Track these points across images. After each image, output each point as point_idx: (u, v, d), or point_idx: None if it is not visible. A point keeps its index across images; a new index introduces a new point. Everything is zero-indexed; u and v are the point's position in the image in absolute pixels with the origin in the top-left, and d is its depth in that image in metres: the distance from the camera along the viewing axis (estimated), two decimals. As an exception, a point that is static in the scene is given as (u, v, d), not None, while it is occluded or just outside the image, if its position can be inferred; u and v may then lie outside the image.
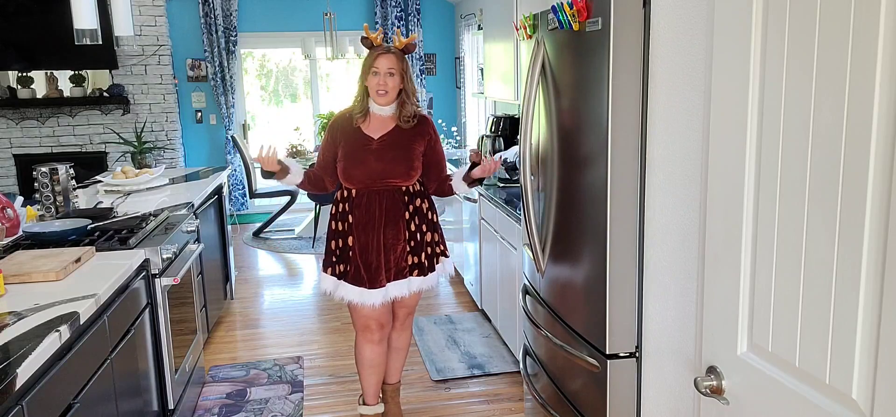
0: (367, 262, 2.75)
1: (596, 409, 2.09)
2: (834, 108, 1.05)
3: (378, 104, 2.72)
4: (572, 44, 2.08)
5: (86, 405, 1.95)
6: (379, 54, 2.68)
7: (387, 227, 2.74)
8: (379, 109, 2.74)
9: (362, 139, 2.74)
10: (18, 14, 5.94)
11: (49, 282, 2.22)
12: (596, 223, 1.98)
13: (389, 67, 2.68)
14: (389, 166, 2.72)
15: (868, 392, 1.03)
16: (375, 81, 2.68)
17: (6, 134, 6.51)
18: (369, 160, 2.72)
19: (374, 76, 2.68)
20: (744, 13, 1.22)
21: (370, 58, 2.71)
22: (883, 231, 0.99)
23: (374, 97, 2.71)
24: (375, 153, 2.73)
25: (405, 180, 2.76)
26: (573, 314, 2.22)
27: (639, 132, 1.87)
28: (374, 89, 2.69)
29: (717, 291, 1.36)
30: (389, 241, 2.75)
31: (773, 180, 1.19)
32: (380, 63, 2.67)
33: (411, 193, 2.80)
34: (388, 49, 2.71)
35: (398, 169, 2.73)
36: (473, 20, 6.21)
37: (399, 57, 2.70)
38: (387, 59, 2.68)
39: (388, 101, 2.71)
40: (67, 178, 3.26)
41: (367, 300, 2.76)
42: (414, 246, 2.82)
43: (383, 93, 2.68)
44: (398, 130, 2.75)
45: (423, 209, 2.85)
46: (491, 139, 4.35)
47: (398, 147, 2.74)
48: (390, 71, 2.68)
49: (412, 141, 2.77)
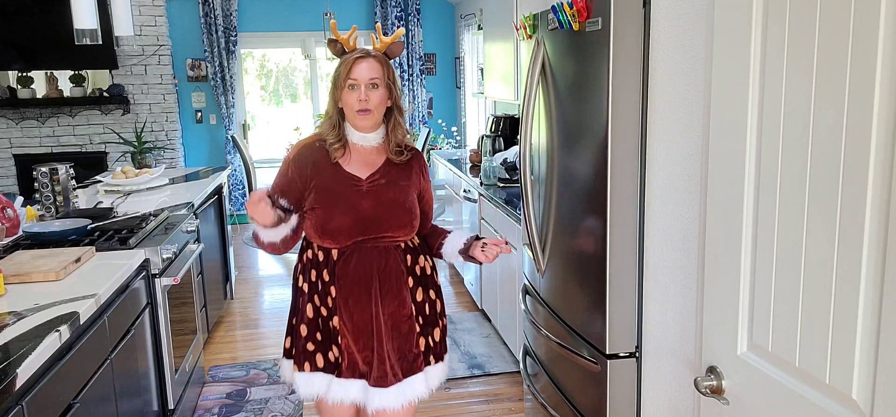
0: (368, 351, 2.06)
1: (596, 409, 2.09)
2: (834, 107, 1.05)
3: (359, 129, 2.05)
4: (572, 44, 2.08)
5: (86, 405, 1.95)
6: (355, 59, 2.00)
7: (386, 298, 2.06)
8: (361, 138, 2.06)
9: (346, 179, 2.05)
10: (18, 14, 5.94)
11: (49, 282, 2.22)
12: (596, 223, 1.98)
13: (371, 76, 1.99)
14: (387, 215, 2.04)
15: (868, 392, 1.03)
16: (353, 98, 1.99)
17: (6, 134, 6.51)
18: (361, 207, 2.03)
19: (351, 91, 2.00)
20: (744, 13, 1.22)
21: (344, 66, 2.01)
22: (883, 231, 0.98)
23: (352, 120, 2.04)
24: (368, 197, 2.04)
25: (403, 230, 2.08)
26: (573, 314, 2.22)
27: (639, 132, 1.87)
28: (352, 109, 2.00)
29: (717, 291, 1.36)
30: (392, 318, 2.07)
31: (773, 179, 1.19)
32: (358, 71, 1.99)
33: (413, 249, 2.15)
34: (368, 52, 2.03)
35: (398, 218, 2.06)
36: (473, 20, 6.21)
37: (382, 62, 2.03)
38: (367, 65, 2.00)
39: (372, 124, 2.04)
40: (67, 178, 3.26)
41: (377, 402, 2.05)
42: (423, 324, 2.15)
43: (366, 112, 2.00)
44: (390, 166, 2.09)
45: (428, 271, 2.19)
46: (491, 139, 4.36)
47: (396, 186, 2.08)
48: (373, 81, 1.99)
49: (408, 178, 2.12)
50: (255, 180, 6.52)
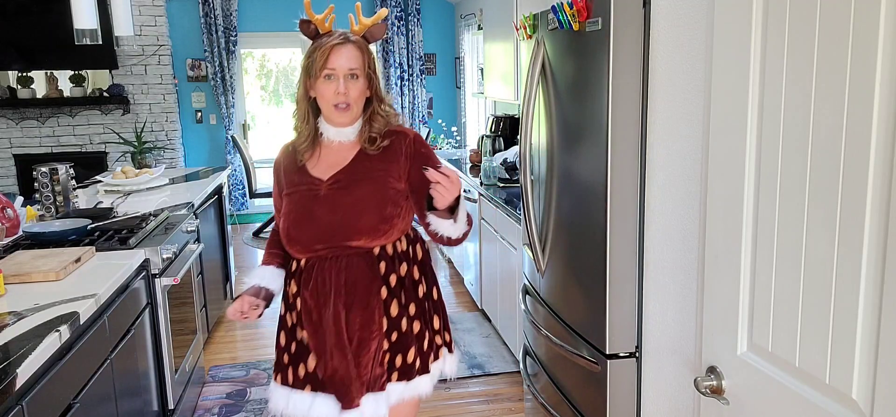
0: (331, 370, 1.85)
1: (596, 409, 2.09)
2: (834, 107, 1.05)
3: (336, 124, 1.83)
4: (572, 44, 2.08)
5: (86, 405, 1.95)
6: (333, 46, 1.77)
7: (352, 312, 1.83)
8: (337, 133, 1.85)
9: (307, 183, 1.85)
10: (18, 14, 5.94)
11: (49, 282, 2.22)
12: (596, 223, 1.98)
13: (351, 65, 1.77)
14: (348, 219, 1.80)
15: (868, 392, 1.03)
16: (330, 90, 1.77)
17: (6, 134, 6.51)
18: (317, 213, 1.82)
19: (327, 82, 1.77)
20: (744, 13, 1.22)
21: (319, 53, 1.77)
22: (883, 231, 0.98)
23: (328, 115, 1.83)
24: (325, 202, 1.82)
25: (374, 236, 1.82)
26: (573, 314, 2.22)
27: (639, 132, 1.87)
28: (328, 102, 1.79)
29: (718, 291, 1.36)
30: (357, 334, 1.83)
31: (773, 179, 1.19)
32: (336, 59, 1.76)
33: (391, 256, 1.87)
34: (346, 37, 1.80)
35: (364, 221, 1.80)
36: (473, 20, 6.20)
37: (363, 48, 1.82)
38: (346, 52, 1.77)
39: (351, 118, 1.82)
40: (67, 178, 3.26)
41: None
42: (396, 341, 1.88)
43: (344, 107, 1.78)
44: (362, 160, 1.85)
45: (413, 279, 1.91)
46: (491, 139, 4.36)
47: (362, 186, 1.82)
48: (352, 72, 1.78)
49: (385, 171, 1.84)
50: (255, 179, 6.52)
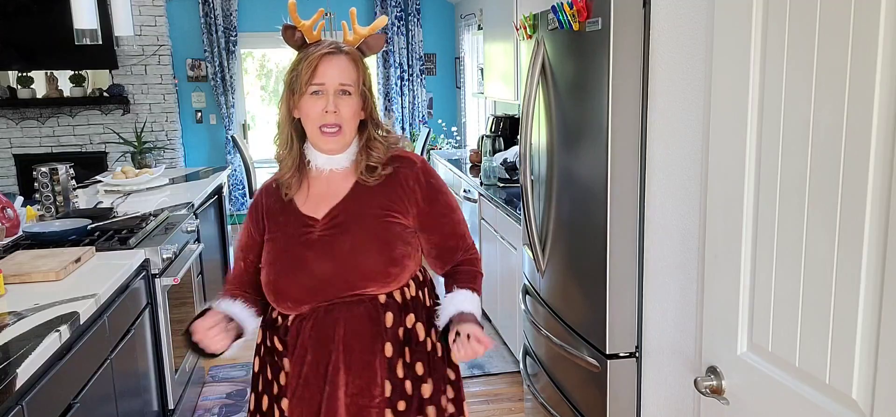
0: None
1: (596, 409, 2.09)
2: (834, 107, 1.05)
3: (324, 151, 1.52)
4: (572, 44, 2.08)
5: (86, 405, 1.95)
6: (321, 55, 1.48)
7: (350, 374, 1.51)
8: (327, 161, 1.54)
9: (296, 223, 1.54)
10: (18, 14, 5.94)
11: (49, 282, 2.22)
12: (596, 223, 1.98)
13: (342, 80, 1.48)
14: (351, 265, 1.50)
15: (868, 392, 1.03)
16: (316, 109, 1.47)
17: (6, 134, 6.51)
18: (311, 261, 1.50)
19: (314, 99, 1.48)
20: (744, 13, 1.22)
21: (305, 64, 1.48)
22: (883, 231, 0.98)
23: (315, 140, 1.52)
24: (321, 246, 1.51)
25: (383, 282, 1.52)
26: (573, 314, 2.22)
27: (639, 132, 1.87)
28: (315, 123, 1.48)
29: (718, 291, 1.36)
30: (356, 402, 1.51)
31: (773, 179, 1.19)
32: (325, 71, 1.47)
33: (400, 305, 1.56)
34: (338, 47, 1.51)
35: (370, 265, 1.50)
36: (473, 20, 6.20)
37: (357, 61, 1.52)
38: (337, 65, 1.49)
39: (343, 143, 1.52)
40: (67, 178, 3.25)
41: None
42: (406, 409, 1.55)
43: (335, 131, 1.48)
44: (362, 192, 1.54)
45: (420, 335, 1.60)
46: (491, 139, 4.36)
47: (365, 223, 1.52)
48: (344, 88, 1.48)
49: (390, 205, 1.54)
50: (255, 180, 6.51)
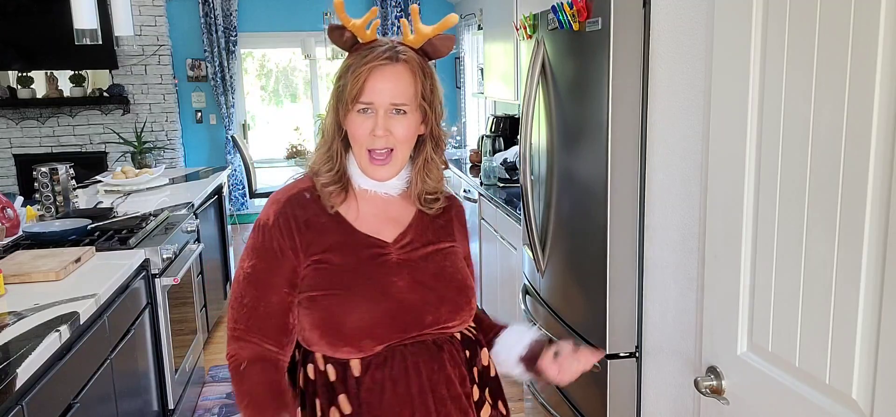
0: None
1: (596, 409, 2.09)
2: (834, 107, 1.05)
3: (375, 176, 1.28)
4: (572, 44, 2.08)
5: (86, 405, 1.95)
6: (373, 68, 1.22)
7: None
8: (371, 184, 1.30)
9: (362, 244, 1.29)
10: (18, 14, 5.94)
11: (49, 282, 2.22)
12: (596, 223, 1.98)
13: (396, 98, 1.23)
14: (436, 298, 1.29)
15: (868, 392, 1.03)
16: (364, 129, 1.24)
17: (6, 134, 6.51)
18: (395, 290, 1.27)
19: (361, 117, 1.24)
20: (744, 13, 1.22)
21: (353, 76, 1.23)
22: (883, 231, 0.98)
23: (362, 165, 1.27)
24: (403, 273, 1.29)
25: (465, 316, 1.34)
26: (573, 314, 2.22)
27: (639, 132, 1.87)
28: (362, 146, 1.25)
29: (718, 290, 1.36)
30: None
31: (773, 179, 1.19)
32: (375, 86, 1.22)
33: (472, 341, 1.38)
34: (395, 54, 1.25)
35: (452, 300, 1.31)
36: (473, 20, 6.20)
37: (415, 70, 1.26)
38: (392, 78, 1.23)
39: (394, 170, 1.28)
40: (67, 178, 3.25)
41: None
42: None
43: (383, 157, 1.25)
44: (424, 221, 1.35)
45: (492, 371, 1.43)
46: (491, 139, 4.35)
47: (438, 254, 1.34)
48: (399, 106, 1.24)
49: (452, 240, 1.38)
50: (255, 180, 6.51)
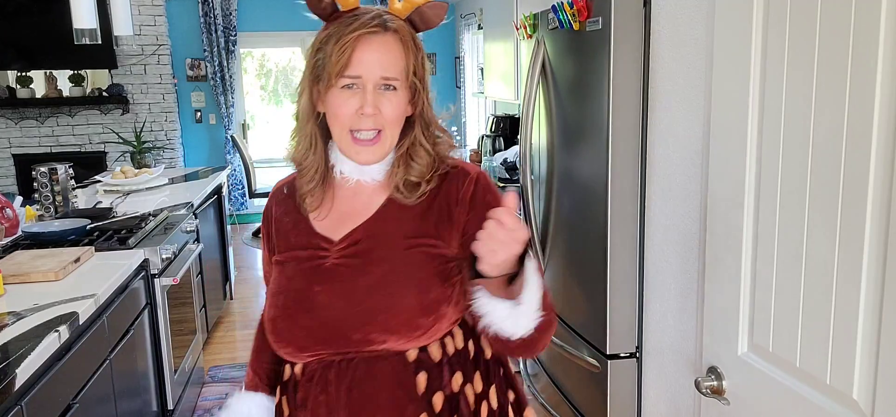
0: None
1: (596, 409, 2.09)
2: (834, 108, 1.04)
3: (358, 160, 1.11)
4: (572, 43, 2.08)
5: (85, 405, 1.94)
6: (360, 35, 1.07)
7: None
8: (357, 169, 1.14)
9: (307, 247, 1.15)
10: (18, 14, 5.94)
11: (48, 282, 2.21)
12: (596, 223, 1.98)
13: (385, 71, 1.08)
14: (365, 309, 1.09)
15: (869, 393, 1.03)
16: (349, 108, 1.08)
17: (5, 134, 6.50)
18: (318, 297, 1.10)
19: (345, 94, 1.08)
20: (744, 13, 1.22)
21: (336, 47, 1.08)
22: (883, 231, 0.98)
23: (345, 147, 1.11)
24: (331, 280, 1.11)
25: (409, 335, 1.09)
26: (574, 315, 2.22)
27: (639, 132, 1.87)
28: (345, 127, 1.09)
29: (718, 291, 1.36)
30: None
31: (773, 180, 1.18)
32: (361, 59, 1.07)
33: (437, 364, 1.12)
34: (383, 22, 1.09)
35: (394, 312, 1.08)
36: (473, 20, 6.20)
37: (407, 41, 1.10)
38: (379, 47, 1.08)
39: (382, 153, 1.12)
40: (67, 178, 3.25)
41: None
42: None
43: (372, 138, 1.09)
44: (393, 212, 1.13)
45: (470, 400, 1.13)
46: (491, 139, 4.35)
47: (393, 255, 1.11)
48: (388, 81, 1.08)
49: (426, 230, 1.12)
50: (255, 179, 6.51)
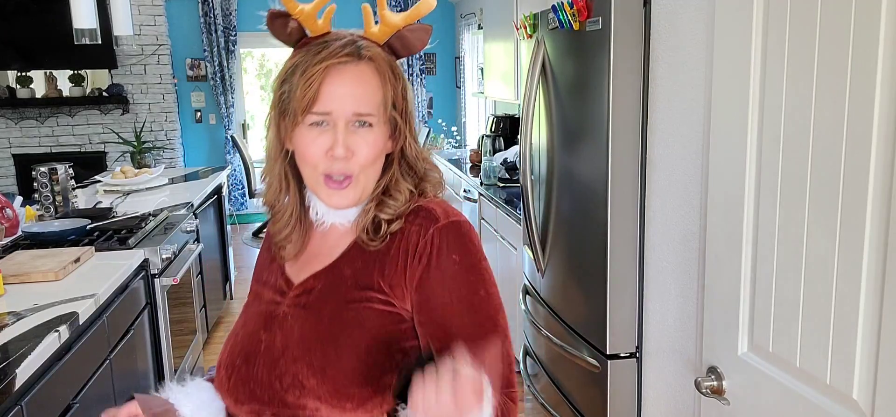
0: None
1: (596, 409, 2.09)
2: (834, 107, 1.04)
3: (330, 204, 1.01)
4: (572, 43, 2.08)
5: (85, 405, 1.94)
6: (330, 63, 0.95)
7: None
8: (327, 212, 1.04)
9: (274, 286, 1.07)
10: (18, 14, 5.94)
11: (48, 282, 2.21)
12: (596, 223, 1.98)
13: (358, 108, 0.96)
14: (303, 367, 0.95)
15: (869, 393, 1.03)
16: (318, 149, 0.96)
17: (5, 134, 6.50)
18: (259, 349, 1.01)
19: (314, 133, 0.96)
20: (744, 13, 1.22)
21: (301, 82, 0.95)
22: (883, 231, 0.98)
23: (316, 190, 1.01)
24: (276, 329, 1.02)
25: (339, 405, 0.93)
26: (573, 315, 2.22)
27: (639, 132, 1.87)
28: (315, 169, 0.98)
29: (718, 291, 1.36)
30: None
31: (773, 179, 1.18)
32: (331, 94, 0.95)
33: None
34: (356, 49, 0.98)
35: (326, 374, 0.94)
36: (473, 20, 6.20)
37: (383, 70, 1.00)
38: (350, 79, 0.96)
39: (356, 198, 1.00)
40: (67, 178, 3.25)
41: None
42: None
43: (341, 181, 0.98)
44: (354, 258, 1.02)
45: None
46: (491, 139, 4.35)
47: (341, 308, 0.99)
48: (362, 117, 0.96)
49: (374, 283, 0.99)
50: (255, 179, 6.51)
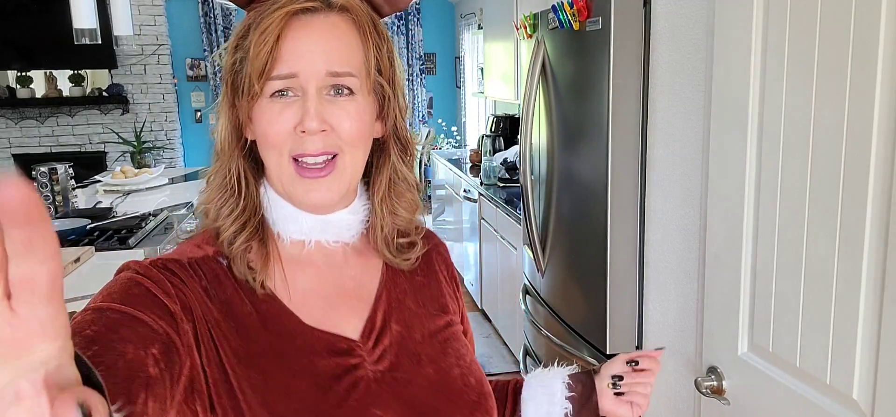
0: None
1: (596, 409, 2.09)
2: (835, 107, 1.04)
3: (307, 205, 0.73)
4: (573, 43, 2.08)
5: (85, 405, 1.94)
6: (290, 9, 0.67)
7: None
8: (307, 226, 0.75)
9: (315, 349, 0.71)
10: (18, 13, 5.94)
11: (48, 282, 2.21)
12: (596, 223, 1.98)
13: (332, 65, 0.69)
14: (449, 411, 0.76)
15: (869, 393, 1.03)
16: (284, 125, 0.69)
17: (5, 134, 6.50)
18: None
19: (276, 105, 0.69)
20: (744, 13, 1.22)
21: (256, 38, 0.67)
22: (884, 231, 0.98)
23: (286, 186, 0.72)
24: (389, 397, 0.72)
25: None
26: (573, 314, 2.22)
27: (639, 132, 1.87)
28: (283, 154, 0.70)
29: (718, 291, 1.36)
30: None
31: (773, 179, 1.18)
32: (295, 49, 0.68)
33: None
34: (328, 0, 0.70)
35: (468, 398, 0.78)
36: (473, 20, 6.20)
37: (362, 23, 0.73)
38: (318, 32, 0.69)
39: (340, 189, 0.73)
40: (66, 178, 3.25)
41: None
42: None
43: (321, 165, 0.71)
44: (399, 286, 0.83)
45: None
46: (491, 139, 4.35)
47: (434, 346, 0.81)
48: (339, 77, 0.70)
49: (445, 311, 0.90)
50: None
